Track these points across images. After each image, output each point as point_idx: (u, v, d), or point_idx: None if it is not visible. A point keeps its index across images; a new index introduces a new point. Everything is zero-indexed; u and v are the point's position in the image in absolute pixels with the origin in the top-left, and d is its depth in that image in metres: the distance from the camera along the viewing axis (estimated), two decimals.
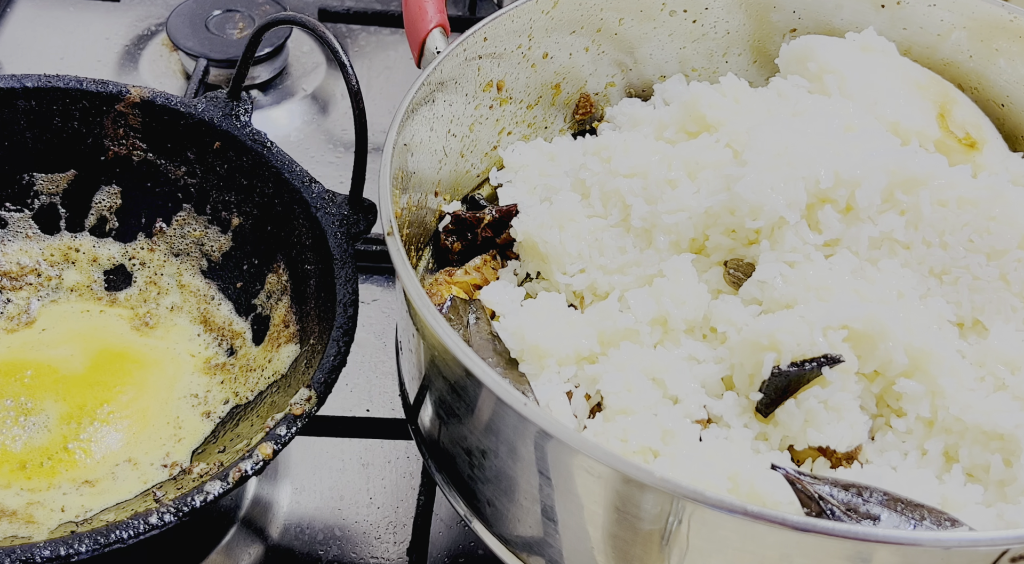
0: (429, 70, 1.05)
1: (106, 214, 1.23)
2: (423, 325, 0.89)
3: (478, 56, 1.10)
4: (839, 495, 0.81)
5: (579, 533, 0.85)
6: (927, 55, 1.18)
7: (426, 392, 0.96)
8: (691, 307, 0.95)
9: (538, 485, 0.84)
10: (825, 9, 1.19)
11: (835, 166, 0.94)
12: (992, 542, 0.73)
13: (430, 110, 1.06)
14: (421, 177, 1.07)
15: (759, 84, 1.20)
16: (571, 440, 0.79)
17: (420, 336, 0.92)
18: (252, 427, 1.04)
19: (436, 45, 1.11)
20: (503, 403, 0.81)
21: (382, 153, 0.97)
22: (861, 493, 0.81)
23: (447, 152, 1.11)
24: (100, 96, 1.19)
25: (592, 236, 1.00)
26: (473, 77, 1.11)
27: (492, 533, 0.92)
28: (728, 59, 1.24)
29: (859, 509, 0.80)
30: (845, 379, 0.89)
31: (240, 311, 1.19)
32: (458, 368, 0.86)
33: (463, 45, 1.08)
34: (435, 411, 0.95)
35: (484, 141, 1.16)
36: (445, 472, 0.96)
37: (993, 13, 1.13)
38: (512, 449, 0.85)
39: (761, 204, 0.94)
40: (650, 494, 0.78)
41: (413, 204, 1.05)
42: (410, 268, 0.90)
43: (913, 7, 1.17)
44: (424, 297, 0.87)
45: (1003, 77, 1.15)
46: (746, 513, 0.74)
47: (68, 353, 1.14)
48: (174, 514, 0.90)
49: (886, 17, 1.18)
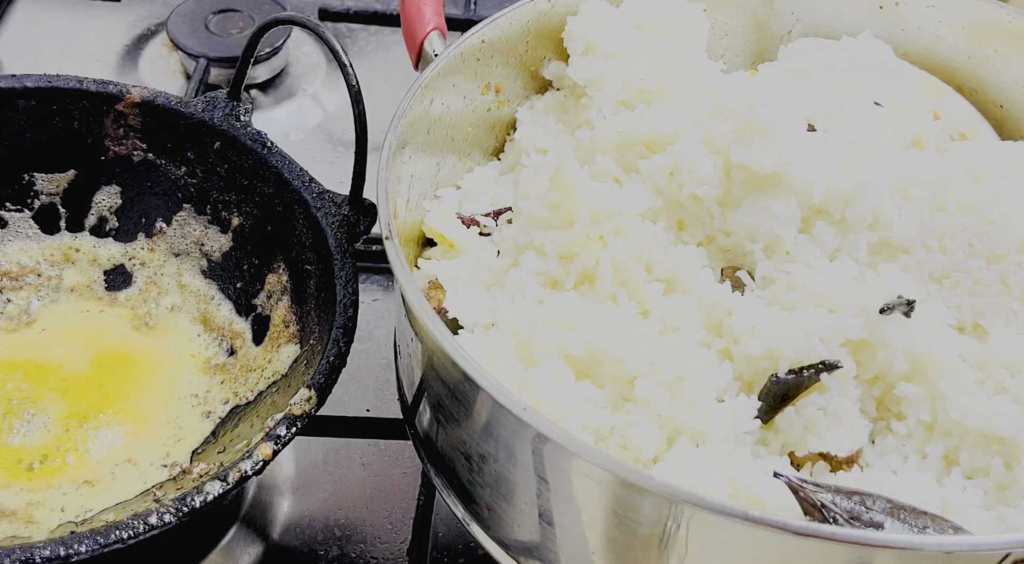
0: (427, 74, 1.05)
1: (106, 214, 1.23)
2: (421, 329, 0.89)
3: (476, 59, 1.10)
4: (842, 503, 0.81)
5: (578, 537, 0.84)
6: (925, 57, 1.17)
7: (424, 395, 0.96)
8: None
9: (536, 489, 0.84)
10: (824, 11, 1.19)
11: (827, 180, 0.93)
12: (993, 546, 0.73)
13: (427, 113, 1.06)
14: (420, 179, 1.07)
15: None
16: (570, 444, 0.79)
17: (418, 340, 0.92)
18: (252, 427, 1.04)
19: (434, 48, 1.11)
20: (501, 407, 0.81)
21: (380, 154, 0.97)
22: (864, 501, 0.81)
23: (445, 155, 1.11)
24: (100, 96, 1.19)
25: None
26: (472, 79, 1.11)
27: (491, 537, 0.92)
28: (726, 60, 1.23)
29: (862, 517, 0.80)
30: (844, 384, 0.89)
31: (240, 311, 1.19)
32: (456, 372, 0.86)
33: (460, 48, 1.08)
34: (433, 414, 0.95)
35: (483, 143, 1.16)
36: (443, 476, 0.96)
37: (990, 15, 1.13)
38: (510, 453, 0.85)
39: (756, 226, 0.94)
40: (649, 498, 0.77)
41: (413, 206, 1.05)
42: (408, 272, 0.89)
43: (911, 8, 1.17)
44: (422, 300, 0.87)
45: (1001, 79, 1.14)
46: (747, 518, 0.74)
47: (68, 353, 1.14)
48: (174, 514, 0.90)
49: (884, 19, 1.18)
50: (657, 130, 1.00)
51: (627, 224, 0.95)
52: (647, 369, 0.89)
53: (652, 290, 0.94)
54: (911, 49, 1.18)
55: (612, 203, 0.95)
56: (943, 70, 1.17)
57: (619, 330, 0.90)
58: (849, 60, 1.09)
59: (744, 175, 0.94)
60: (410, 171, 1.04)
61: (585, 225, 0.94)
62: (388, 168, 0.96)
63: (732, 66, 1.23)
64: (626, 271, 0.94)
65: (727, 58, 1.23)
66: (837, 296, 0.91)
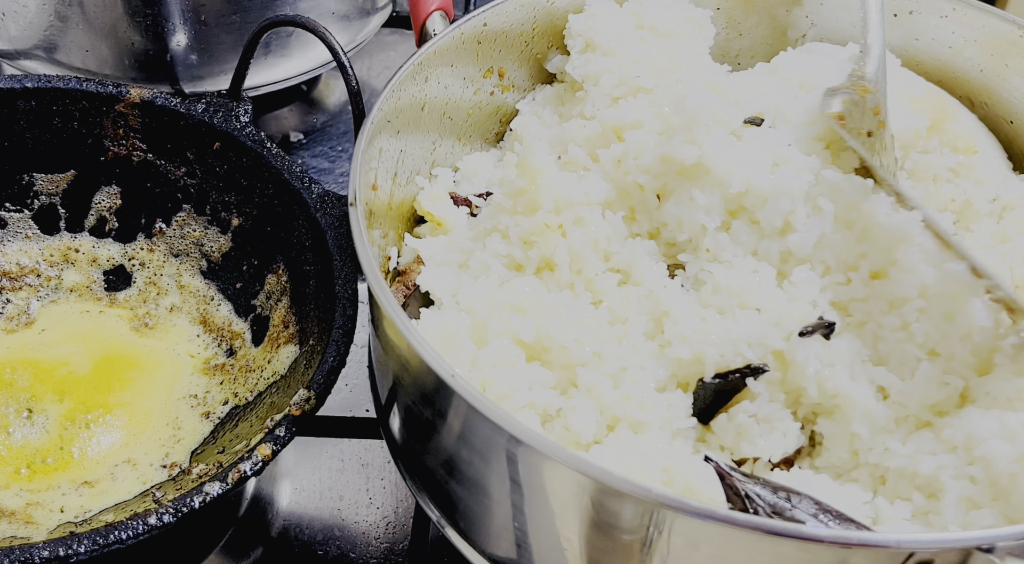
0: (423, 50, 1.04)
1: (106, 214, 1.23)
2: (372, 295, 0.88)
3: (477, 42, 1.10)
4: (767, 497, 0.80)
5: (551, 537, 0.84)
6: (939, 67, 1.16)
7: (378, 367, 0.95)
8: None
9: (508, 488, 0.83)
10: (839, 16, 1.18)
11: (748, 175, 0.92)
12: (900, 544, 0.72)
13: (422, 91, 1.06)
14: (411, 155, 1.07)
15: None
16: (540, 445, 0.77)
17: (374, 306, 0.91)
18: (251, 428, 1.04)
19: (435, 27, 1.11)
20: (465, 401, 0.80)
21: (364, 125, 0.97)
22: (791, 498, 0.80)
23: (441, 134, 1.11)
24: (100, 96, 1.19)
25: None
26: (472, 62, 1.11)
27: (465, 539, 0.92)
28: (740, 61, 1.23)
29: (784, 513, 0.79)
30: (773, 390, 0.88)
31: (240, 312, 1.19)
32: (392, 331, 0.84)
33: (461, 28, 1.08)
34: (402, 415, 0.95)
35: (484, 127, 1.16)
36: (417, 477, 0.96)
37: (1003, 29, 1.11)
38: (463, 436, 0.84)
39: (683, 216, 0.93)
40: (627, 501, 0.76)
41: (403, 181, 1.05)
42: (365, 237, 0.89)
43: (925, 18, 1.15)
44: (378, 276, 0.86)
45: (1013, 94, 1.12)
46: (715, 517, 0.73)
47: (68, 354, 1.14)
48: (173, 515, 0.90)
49: (899, 28, 1.16)
50: (622, 120, 1.01)
51: (587, 214, 0.95)
52: (592, 359, 0.89)
53: (605, 281, 0.94)
54: (924, 59, 1.16)
55: (573, 193, 0.95)
56: (956, 81, 1.15)
57: (568, 319, 0.90)
58: (836, 64, 1.05)
59: (676, 165, 0.94)
60: (399, 145, 1.04)
61: (546, 213, 0.95)
62: (369, 139, 0.96)
63: (747, 66, 1.22)
64: (582, 260, 0.95)
65: (741, 59, 1.23)
66: (761, 298, 0.90)
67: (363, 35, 1.45)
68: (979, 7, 1.12)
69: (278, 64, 1.38)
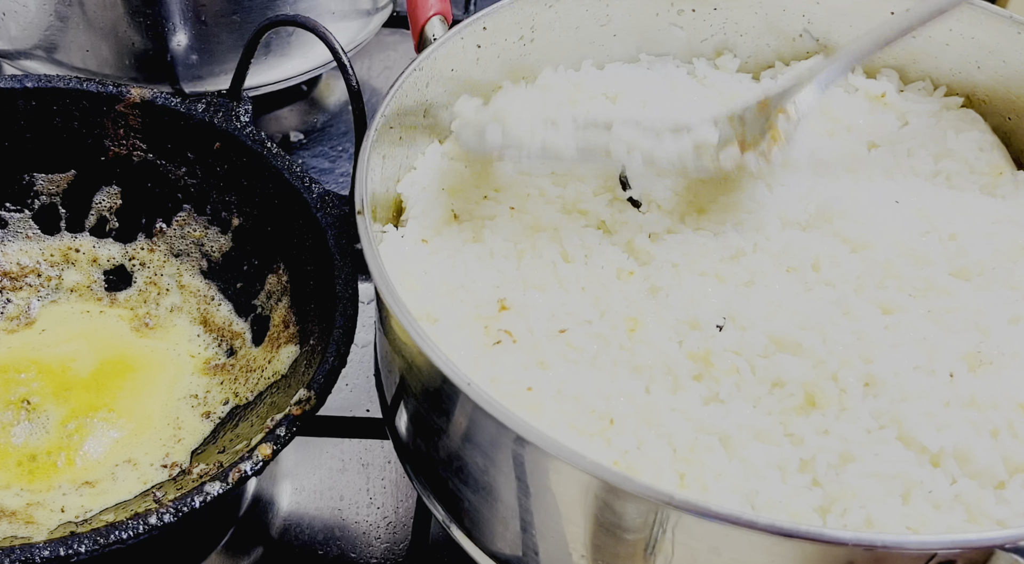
0: (423, 56, 1.05)
1: (106, 214, 1.23)
2: (380, 296, 0.89)
3: (476, 46, 1.10)
4: None
5: (557, 535, 0.84)
6: (935, 65, 1.16)
7: (402, 394, 0.95)
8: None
9: (515, 488, 0.83)
10: (835, 15, 1.18)
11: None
12: (923, 545, 0.73)
13: (423, 97, 1.06)
14: (413, 159, 1.07)
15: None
16: (546, 445, 0.77)
17: (381, 306, 0.91)
18: (252, 428, 1.04)
19: (434, 32, 1.11)
20: (472, 402, 0.80)
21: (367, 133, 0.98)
22: None
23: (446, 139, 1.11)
24: (100, 96, 1.19)
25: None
26: (471, 66, 1.11)
27: (471, 539, 0.92)
28: (740, 58, 1.22)
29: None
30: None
31: (240, 312, 1.19)
32: (434, 373, 0.85)
33: (461, 34, 1.08)
34: (409, 415, 0.95)
35: None
36: (423, 476, 0.96)
37: (999, 24, 1.11)
38: (470, 436, 0.84)
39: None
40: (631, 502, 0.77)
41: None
42: (376, 247, 0.88)
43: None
44: (389, 282, 0.86)
45: (1012, 91, 1.13)
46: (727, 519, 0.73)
47: (68, 354, 1.14)
48: (174, 515, 0.90)
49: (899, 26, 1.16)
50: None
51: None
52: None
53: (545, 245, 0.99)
54: (920, 57, 1.16)
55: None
56: (953, 78, 1.15)
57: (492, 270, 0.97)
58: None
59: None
60: (403, 152, 1.04)
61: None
62: (372, 146, 0.96)
63: (747, 65, 1.22)
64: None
65: (740, 56, 1.22)
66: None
67: (363, 35, 1.45)
68: (977, 4, 1.12)
69: (278, 64, 1.38)
